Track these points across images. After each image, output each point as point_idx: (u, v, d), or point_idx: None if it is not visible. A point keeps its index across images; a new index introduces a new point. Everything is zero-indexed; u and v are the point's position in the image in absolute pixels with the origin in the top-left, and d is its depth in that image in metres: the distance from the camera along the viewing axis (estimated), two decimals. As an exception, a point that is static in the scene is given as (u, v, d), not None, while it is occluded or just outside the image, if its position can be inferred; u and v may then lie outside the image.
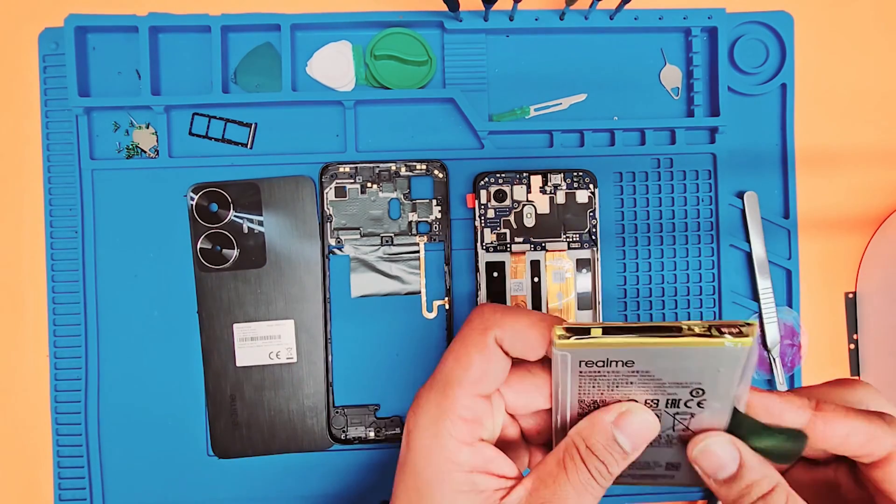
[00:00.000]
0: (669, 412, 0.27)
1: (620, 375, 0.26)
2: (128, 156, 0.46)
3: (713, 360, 0.25)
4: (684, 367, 0.25)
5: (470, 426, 0.26)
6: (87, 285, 0.45)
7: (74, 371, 0.45)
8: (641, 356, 0.25)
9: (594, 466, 0.26)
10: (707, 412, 0.27)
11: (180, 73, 0.46)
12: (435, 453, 0.26)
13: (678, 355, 0.25)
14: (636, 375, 0.26)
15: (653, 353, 0.25)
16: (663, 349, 0.25)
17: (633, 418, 0.26)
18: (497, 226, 0.45)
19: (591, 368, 0.26)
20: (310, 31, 0.47)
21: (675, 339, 0.25)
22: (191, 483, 0.45)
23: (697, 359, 0.25)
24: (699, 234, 0.47)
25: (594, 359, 0.26)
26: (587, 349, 0.25)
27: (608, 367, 0.26)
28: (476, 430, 0.27)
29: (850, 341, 0.49)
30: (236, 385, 0.45)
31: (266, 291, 0.45)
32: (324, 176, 0.46)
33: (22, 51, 0.47)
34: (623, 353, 0.25)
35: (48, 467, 0.46)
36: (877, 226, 0.49)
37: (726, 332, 0.24)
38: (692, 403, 0.26)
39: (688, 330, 0.25)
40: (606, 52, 0.48)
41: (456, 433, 0.26)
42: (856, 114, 0.49)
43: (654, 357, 0.25)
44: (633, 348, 0.25)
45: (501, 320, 0.27)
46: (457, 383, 0.26)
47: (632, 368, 0.26)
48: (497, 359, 0.27)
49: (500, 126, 0.46)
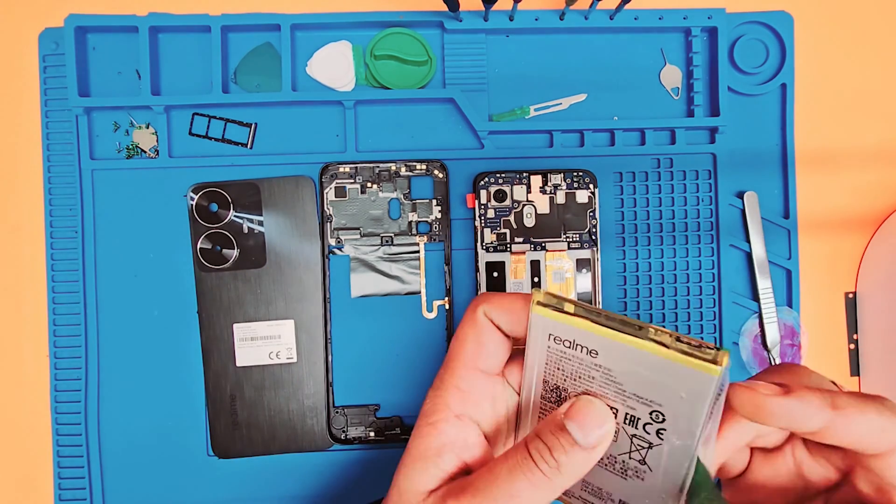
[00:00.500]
0: (627, 431, 0.26)
1: (584, 365, 0.26)
2: (128, 156, 0.46)
3: (675, 380, 0.23)
4: (645, 378, 0.24)
5: (464, 397, 0.28)
6: (87, 285, 0.45)
7: (74, 371, 0.45)
8: (605, 349, 0.25)
9: (537, 448, 0.25)
10: (666, 448, 0.25)
11: (180, 73, 0.46)
12: (426, 418, 0.28)
13: (639, 360, 0.24)
14: (598, 371, 0.26)
15: (615, 348, 0.24)
16: (626, 348, 0.24)
17: (583, 407, 0.25)
18: (497, 226, 0.45)
19: (559, 347, 0.26)
20: (310, 31, 0.47)
21: (633, 338, 0.24)
22: (191, 483, 0.45)
23: (659, 371, 0.24)
24: (699, 234, 0.47)
25: (563, 336, 0.26)
26: (557, 321, 0.25)
27: (574, 351, 0.26)
28: (469, 403, 0.28)
29: (850, 341, 0.49)
30: (236, 385, 0.45)
31: (266, 291, 0.45)
32: (324, 176, 0.46)
33: (22, 51, 0.47)
34: (588, 337, 0.25)
35: (48, 467, 0.46)
36: (877, 226, 0.49)
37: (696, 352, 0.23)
38: (651, 429, 0.25)
39: (654, 333, 0.23)
40: (606, 52, 0.48)
41: (450, 401, 0.28)
42: (856, 114, 0.49)
43: (617, 355, 0.25)
44: (596, 336, 0.25)
45: (490, 298, 0.28)
46: (455, 357, 0.28)
47: (595, 361, 0.25)
48: (489, 333, 0.28)
49: (500, 126, 0.46)
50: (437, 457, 0.27)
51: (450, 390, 0.28)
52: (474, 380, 0.28)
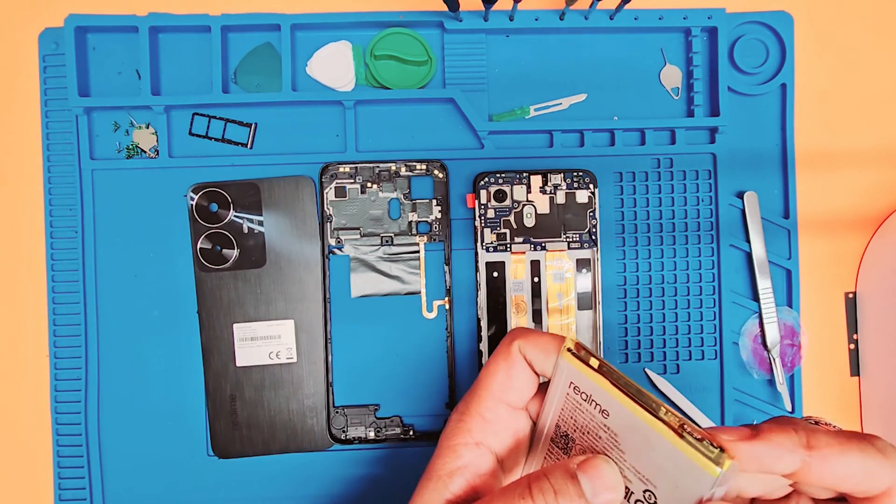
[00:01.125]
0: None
1: (595, 422, 0.26)
2: (128, 156, 0.46)
3: (673, 467, 0.23)
4: (647, 455, 0.24)
5: (486, 425, 0.29)
6: (87, 285, 0.45)
7: (74, 371, 0.45)
8: (616, 413, 0.25)
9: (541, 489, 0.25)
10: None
11: (180, 73, 0.46)
12: (448, 439, 0.29)
13: (644, 435, 0.24)
14: (606, 432, 0.26)
15: (625, 416, 0.25)
16: (635, 419, 0.24)
17: (601, 466, 0.25)
18: (497, 226, 0.45)
19: (577, 397, 0.27)
20: (310, 31, 0.47)
21: (644, 412, 0.24)
22: (191, 483, 0.45)
23: (660, 453, 0.24)
24: (699, 234, 0.47)
25: (582, 388, 0.27)
26: (580, 373, 0.26)
27: (589, 406, 0.26)
28: (489, 431, 0.29)
29: (850, 341, 0.49)
30: (236, 385, 0.45)
31: (266, 291, 0.45)
32: (324, 176, 0.46)
33: (22, 51, 0.47)
34: (603, 397, 0.26)
35: (48, 467, 0.46)
36: (877, 226, 0.49)
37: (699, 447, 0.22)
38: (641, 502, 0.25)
39: (664, 413, 0.23)
40: (606, 52, 0.48)
41: (472, 427, 0.29)
42: (856, 114, 0.49)
43: (626, 424, 0.25)
44: (611, 397, 0.25)
45: (527, 334, 0.29)
46: (484, 387, 0.29)
47: (605, 422, 0.26)
48: (520, 368, 0.29)
49: (500, 126, 0.46)
50: (448, 478, 0.28)
51: (474, 417, 0.29)
52: (499, 411, 0.29)
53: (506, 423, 0.29)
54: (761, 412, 0.47)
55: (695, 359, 0.47)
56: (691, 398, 0.46)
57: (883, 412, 0.46)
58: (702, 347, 0.47)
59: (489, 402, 0.29)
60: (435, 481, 0.28)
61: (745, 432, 0.24)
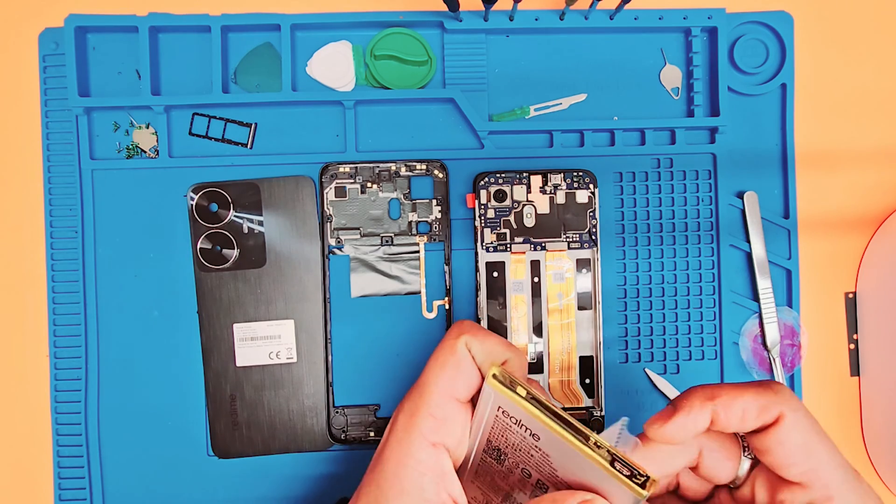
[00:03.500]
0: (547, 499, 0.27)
1: (526, 443, 0.27)
2: (128, 156, 0.46)
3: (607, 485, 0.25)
4: (580, 473, 0.26)
5: (439, 425, 0.28)
6: (87, 285, 0.45)
7: (74, 371, 0.45)
8: (548, 439, 0.26)
9: None
10: None
11: (180, 73, 0.46)
12: (402, 446, 0.28)
13: (576, 459, 0.26)
14: (538, 452, 0.27)
15: (557, 442, 0.26)
16: (566, 446, 0.26)
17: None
18: (497, 226, 0.45)
19: (506, 419, 0.27)
20: (310, 31, 0.47)
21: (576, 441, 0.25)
22: (191, 483, 0.45)
23: (593, 474, 0.26)
24: (699, 234, 0.47)
25: (511, 412, 0.27)
26: (508, 399, 0.27)
27: (518, 429, 0.27)
28: (443, 431, 0.28)
29: (850, 341, 0.49)
30: (236, 385, 0.45)
31: (266, 291, 0.45)
32: (324, 176, 0.46)
33: (22, 51, 0.47)
34: (533, 423, 0.26)
35: (48, 467, 0.46)
36: (877, 226, 0.49)
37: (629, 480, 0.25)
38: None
39: (593, 444, 0.25)
40: (606, 52, 0.48)
41: (424, 429, 0.28)
42: (856, 114, 0.49)
43: (557, 448, 0.26)
44: (541, 425, 0.26)
45: (474, 331, 0.29)
46: (432, 383, 0.29)
47: (537, 444, 0.27)
48: (467, 363, 0.29)
49: (500, 126, 0.46)
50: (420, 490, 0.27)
51: (423, 417, 0.28)
52: (448, 407, 0.29)
53: (455, 419, 0.29)
54: (761, 412, 0.47)
55: (695, 359, 0.47)
56: (691, 398, 0.46)
57: (883, 412, 0.46)
58: (702, 347, 0.47)
59: (437, 398, 0.28)
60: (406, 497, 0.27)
61: (664, 413, 0.27)
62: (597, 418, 0.45)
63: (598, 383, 0.45)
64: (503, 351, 0.29)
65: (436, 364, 0.29)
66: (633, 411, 0.47)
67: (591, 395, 0.45)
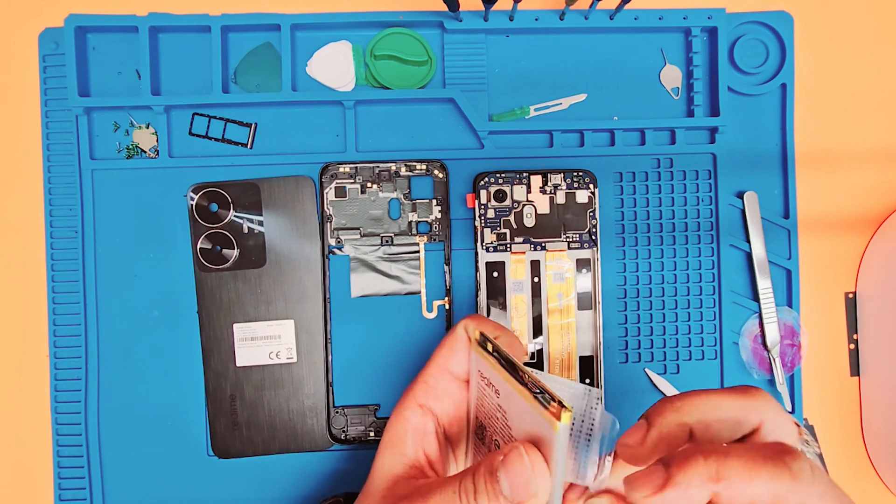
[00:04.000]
0: None
1: (493, 405, 0.28)
2: (128, 156, 0.46)
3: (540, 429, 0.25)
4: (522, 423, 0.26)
5: (429, 389, 0.31)
6: (87, 285, 0.45)
7: (74, 371, 0.45)
8: (503, 390, 0.27)
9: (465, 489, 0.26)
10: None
11: (180, 73, 0.46)
12: (398, 407, 0.32)
13: (518, 405, 0.26)
14: (500, 412, 0.28)
15: (506, 390, 0.26)
16: (510, 390, 0.26)
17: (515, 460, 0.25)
18: (497, 226, 0.45)
19: (482, 383, 0.29)
20: (310, 31, 0.47)
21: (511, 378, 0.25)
22: (191, 483, 0.45)
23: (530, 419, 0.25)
24: (699, 234, 0.47)
25: (483, 373, 0.28)
26: (481, 359, 0.28)
27: (489, 388, 0.28)
28: (431, 395, 0.31)
29: (850, 341, 0.49)
30: (236, 385, 0.45)
31: (266, 291, 0.45)
32: (324, 176, 0.46)
33: (22, 51, 0.47)
34: (494, 376, 0.27)
35: (48, 467, 0.46)
36: (877, 226, 0.49)
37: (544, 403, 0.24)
38: None
39: (527, 377, 0.25)
40: (606, 52, 0.48)
41: (417, 392, 0.32)
42: (856, 114, 0.49)
43: (508, 397, 0.26)
44: (496, 374, 0.27)
45: (475, 318, 0.32)
46: (431, 359, 0.32)
47: (498, 401, 0.27)
48: (462, 343, 0.32)
49: (500, 126, 0.46)
50: (401, 443, 0.30)
51: (418, 383, 0.32)
52: (441, 377, 0.32)
53: (446, 389, 0.31)
54: (761, 412, 0.47)
55: (695, 359, 0.47)
56: (691, 398, 0.46)
57: (883, 412, 0.46)
58: (702, 347, 0.47)
59: (433, 369, 0.32)
60: (390, 448, 0.31)
61: (656, 480, 0.23)
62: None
63: (598, 383, 0.45)
64: (494, 330, 0.31)
65: (440, 344, 0.32)
66: (634, 411, 0.47)
67: (591, 395, 0.45)
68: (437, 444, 0.31)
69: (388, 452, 0.31)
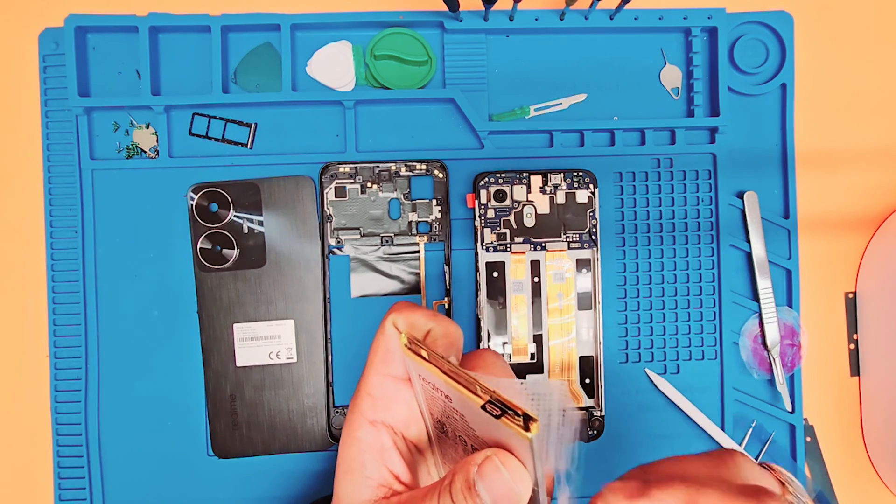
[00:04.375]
0: None
1: (447, 407, 0.27)
2: (128, 156, 0.46)
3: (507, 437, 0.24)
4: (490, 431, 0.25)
5: (375, 402, 0.29)
6: (87, 285, 0.45)
7: (74, 371, 0.45)
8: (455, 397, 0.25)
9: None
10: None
11: (180, 73, 0.46)
12: (347, 427, 0.29)
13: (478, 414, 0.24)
14: (457, 414, 0.26)
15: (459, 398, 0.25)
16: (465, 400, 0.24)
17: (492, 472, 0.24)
18: (497, 226, 0.45)
19: (427, 387, 0.27)
20: (310, 31, 0.47)
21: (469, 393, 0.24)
22: (191, 483, 0.45)
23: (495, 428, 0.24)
24: (699, 234, 0.47)
25: (425, 377, 0.27)
26: (419, 365, 0.26)
27: (436, 393, 0.27)
28: (380, 408, 0.29)
29: (850, 341, 0.49)
30: (236, 385, 0.45)
31: (266, 291, 0.45)
32: (324, 176, 0.46)
33: (22, 51, 0.47)
34: (440, 384, 0.26)
35: (48, 467, 0.46)
36: (877, 226, 0.49)
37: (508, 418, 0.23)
38: None
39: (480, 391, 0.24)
40: (606, 52, 0.48)
41: (363, 408, 0.29)
42: (856, 114, 0.49)
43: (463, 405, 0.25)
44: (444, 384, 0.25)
45: (400, 308, 0.29)
46: (368, 364, 0.30)
47: (451, 405, 0.26)
48: (396, 341, 0.28)
49: (500, 126, 0.46)
50: (360, 468, 0.28)
51: (361, 397, 0.29)
52: (383, 385, 0.29)
53: (394, 395, 0.29)
54: (761, 412, 0.47)
55: (695, 359, 0.47)
56: (691, 398, 0.46)
57: (883, 412, 0.46)
58: (702, 347, 0.47)
59: (373, 378, 0.29)
60: (351, 474, 0.28)
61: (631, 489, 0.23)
62: (597, 418, 0.45)
63: (598, 383, 0.45)
64: (425, 321, 0.28)
65: (372, 347, 0.30)
66: (634, 411, 0.47)
67: (591, 395, 0.45)
68: (398, 455, 0.29)
69: (348, 480, 0.28)
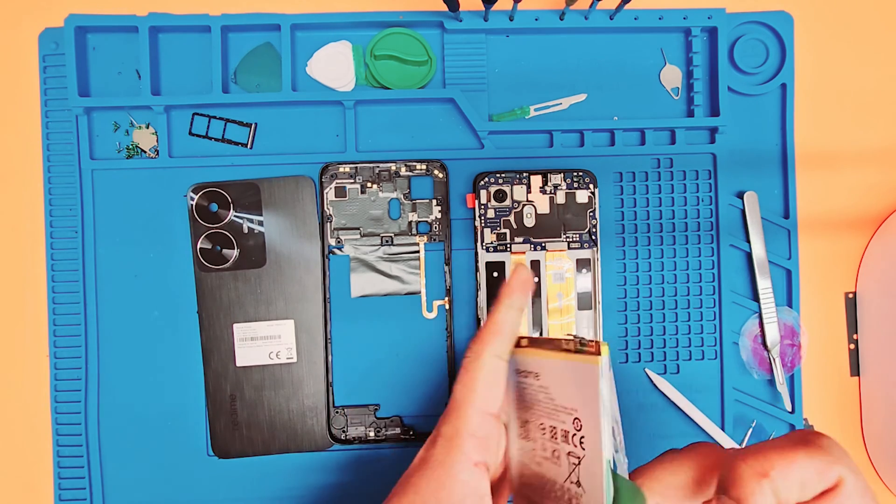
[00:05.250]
0: (564, 449, 0.28)
1: (534, 389, 0.29)
2: (128, 156, 0.46)
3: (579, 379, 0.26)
4: (564, 387, 0.27)
5: (481, 444, 0.28)
6: (87, 285, 0.45)
7: (74, 371, 0.45)
8: (542, 369, 0.28)
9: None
10: (588, 456, 0.26)
11: (180, 73, 0.46)
12: (444, 468, 0.28)
13: (558, 371, 0.27)
14: (543, 392, 0.28)
15: (545, 365, 0.28)
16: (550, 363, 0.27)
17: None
18: (497, 226, 0.45)
19: (521, 379, 0.30)
20: (310, 31, 0.47)
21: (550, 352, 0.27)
22: (191, 483, 0.45)
23: (569, 377, 0.27)
24: (699, 234, 0.47)
25: (521, 367, 0.30)
26: (517, 356, 0.30)
27: (528, 379, 0.29)
28: (483, 448, 0.28)
29: (850, 341, 0.49)
30: (236, 385, 0.45)
31: (266, 291, 0.45)
32: (324, 176, 0.46)
33: (22, 51, 0.47)
34: (531, 363, 0.29)
35: (48, 467, 0.46)
36: (877, 226, 0.49)
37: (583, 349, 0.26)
38: (576, 440, 0.27)
39: (564, 343, 0.27)
40: (606, 52, 0.48)
41: (468, 449, 0.28)
42: (856, 114, 0.49)
43: (547, 371, 0.28)
44: (534, 358, 0.28)
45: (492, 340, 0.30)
46: (465, 401, 0.29)
47: (539, 382, 0.28)
48: (501, 375, 0.29)
49: (500, 126, 0.46)
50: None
51: (465, 438, 0.28)
52: (485, 424, 0.29)
53: (494, 436, 0.29)
54: (761, 412, 0.47)
55: (695, 359, 0.47)
56: (691, 398, 0.46)
57: (883, 412, 0.46)
58: (702, 347, 0.47)
59: (476, 418, 0.28)
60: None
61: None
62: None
63: (598, 383, 0.45)
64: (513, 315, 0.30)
65: (462, 382, 0.29)
66: (634, 411, 0.47)
67: (591, 395, 0.45)
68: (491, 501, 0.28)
69: None
